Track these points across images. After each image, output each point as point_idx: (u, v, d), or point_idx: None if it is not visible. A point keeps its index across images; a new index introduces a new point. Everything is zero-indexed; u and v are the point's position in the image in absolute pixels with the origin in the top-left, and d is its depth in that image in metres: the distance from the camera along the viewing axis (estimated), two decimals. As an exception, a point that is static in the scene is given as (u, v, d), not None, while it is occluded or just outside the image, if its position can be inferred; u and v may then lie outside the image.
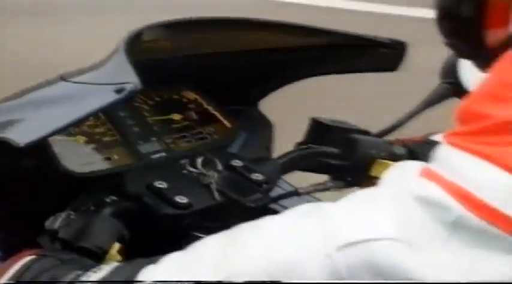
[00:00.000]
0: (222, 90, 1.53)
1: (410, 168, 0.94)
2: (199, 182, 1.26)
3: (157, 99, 1.47)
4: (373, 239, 0.89)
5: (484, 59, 1.06)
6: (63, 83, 1.24)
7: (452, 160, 0.90)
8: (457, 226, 0.86)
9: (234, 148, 1.50)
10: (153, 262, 1.01)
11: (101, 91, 1.18)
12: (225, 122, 1.50)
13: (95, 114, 1.32)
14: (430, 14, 1.16)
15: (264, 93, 1.63)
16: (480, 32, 1.12)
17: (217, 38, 1.48)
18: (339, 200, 0.97)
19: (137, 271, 1.01)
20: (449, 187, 0.87)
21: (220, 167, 1.37)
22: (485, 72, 1.00)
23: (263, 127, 1.63)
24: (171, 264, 1.02)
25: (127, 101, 1.39)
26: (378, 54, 1.46)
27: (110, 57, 1.22)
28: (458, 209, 0.85)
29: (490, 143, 0.88)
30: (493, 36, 1.11)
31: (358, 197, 0.95)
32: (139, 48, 1.27)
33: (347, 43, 1.55)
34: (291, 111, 1.48)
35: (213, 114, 1.51)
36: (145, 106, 1.46)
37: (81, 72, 1.26)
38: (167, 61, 1.46)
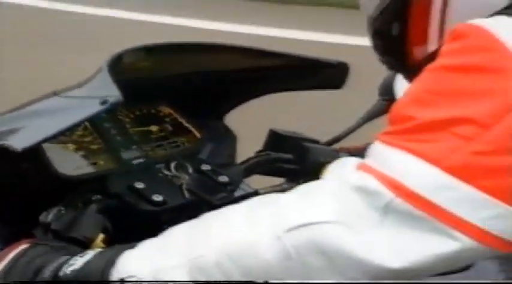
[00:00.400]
0: (193, 106, 1.62)
1: (349, 163, 1.03)
2: (172, 183, 1.36)
3: (137, 113, 1.56)
4: (315, 222, 0.97)
5: (411, 71, 1.17)
6: (55, 98, 1.34)
7: (383, 155, 0.99)
8: (388, 211, 0.95)
9: (203, 155, 1.58)
10: (131, 247, 1.10)
11: (88, 104, 1.28)
12: (196, 133, 1.59)
13: (82, 123, 1.40)
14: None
15: (228, 109, 1.72)
16: (406, 49, 1.24)
17: (188, 60, 1.59)
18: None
19: (117, 254, 1.09)
20: (381, 177, 0.96)
21: (191, 170, 1.48)
22: (411, 82, 1.10)
23: (228, 138, 1.71)
24: (146, 247, 1.10)
25: (111, 114, 1.50)
26: (323, 73, 1.55)
27: (95, 75, 1.32)
28: (389, 196, 0.95)
29: (415, 140, 0.98)
30: (417, 52, 1.23)
31: (304, 188, 1.03)
32: (121, 68, 1.37)
33: (296, 64, 1.63)
34: (251, 124, 1.61)
35: (185, 126, 1.60)
36: (127, 119, 1.54)
37: (70, 88, 1.35)
38: (146, 80, 1.55)
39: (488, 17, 1.05)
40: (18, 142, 1.23)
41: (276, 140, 1.50)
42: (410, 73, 1.16)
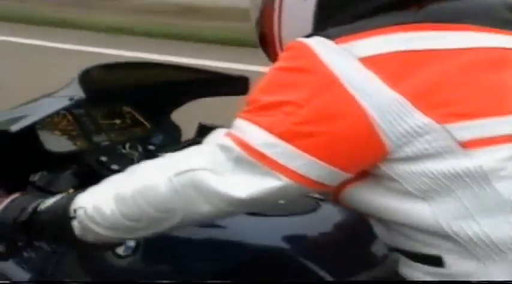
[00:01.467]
0: (145, 106, 1.92)
1: (219, 131, 1.26)
2: (127, 158, 1.68)
3: (106, 110, 1.89)
4: (193, 169, 1.21)
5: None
6: (46, 97, 1.69)
7: (239, 125, 1.21)
8: (238, 160, 1.19)
9: (156, 141, 1.87)
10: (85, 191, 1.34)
11: (61, 100, 1.62)
12: (147, 125, 1.91)
13: (55, 112, 1.67)
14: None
15: (172, 109, 1.99)
16: (268, 46, 1.48)
17: (140, 73, 1.91)
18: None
19: (74, 195, 1.33)
20: (235, 139, 1.20)
21: (140, 149, 1.78)
22: None
23: (173, 130, 1.97)
24: (92, 189, 1.33)
25: (87, 111, 1.82)
26: (230, 84, 1.80)
27: (70, 82, 1.65)
28: (238, 150, 1.19)
29: (257, 115, 1.20)
30: (272, 54, 1.45)
31: (191, 148, 1.27)
32: (92, 78, 1.68)
33: (212, 77, 1.91)
34: (189, 119, 1.90)
35: (139, 120, 1.92)
36: (99, 115, 1.86)
37: (55, 91, 1.68)
38: (112, 88, 1.85)
39: (307, 36, 1.25)
40: (14, 126, 1.54)
41: (204, 131, 1.66)
42: None
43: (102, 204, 1.29)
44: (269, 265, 1.52)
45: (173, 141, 1.81)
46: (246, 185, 1.19)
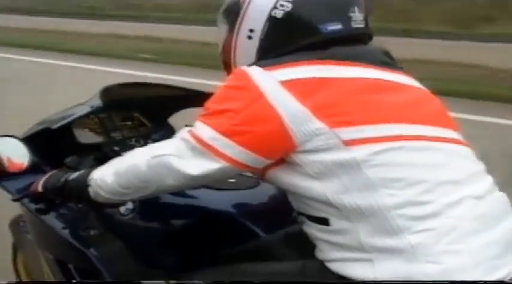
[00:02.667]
0: (149, 112, 2.11)
1: (185, 129, 1.38)
2: (134, 148, 1.64)
3: (121, 115, 2.07)
4: (164, 154, 1.36)
5: None
6: (77, 106, 1.93)
7: (196, 124, 1.35)
8: (194, 149, 1.33)
9: (155, 138, 2.01)
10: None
11: (86, 108, 1.87)
12: (149, 126, 2.10)
13: (83, 116, 1.89)
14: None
15: (168, 115, 2.17)
16: (228, 70, 1.56)
17: (145, 89, 2.11)
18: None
19: (91, 170, 1.51)
20: (192, 134, 1.34)
21: (143, 143, 1.96)
22: None
23: (169, 130, 2.14)
24: (103, 166, 1.50)
25: (108, 115, 2.01)
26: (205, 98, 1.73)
27: (94, 95, 1.89)
28: (193, 142, 1.33)
29: (208, 118, 1.34)
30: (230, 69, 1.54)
31: (166, 140, 1.41)
32: (111, 92, 1.91)
33: (193, 94, 2.01)
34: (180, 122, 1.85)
35: (144, 122, 2.12)
36: (117, 118, 2.05)
37: (84, 102, 1.93)
38: (126, 99, 2.06)
39: (248, 65, 1.37)
40: (54, 125, 1.81)
41: None
42: None
43: (105, 176, 1.47)
44: (221, 223, 1.76)
45: (168, 138, 1.78)
46: (198, 166, 1.34)
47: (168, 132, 2.08)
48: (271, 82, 1.32)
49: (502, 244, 1.31)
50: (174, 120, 2.23)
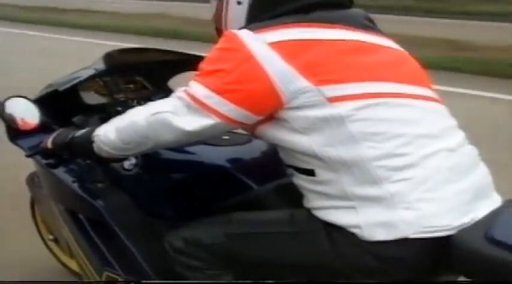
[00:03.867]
0: (151, 76, 2.08)
1: (181, 88, 1.38)
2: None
3: (124, 78, 2.06)
4: (161, 111, 1.37)
5: None
6: (82, 69, 1.90)
7: (191, 84, 1.35)
8: (189, 107, 1.34)
9: (155, 100, 1.78)
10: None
11: (90, 71, 1.85)
12: (151, 88, 2.09)
13: (87, 78, 1.86)
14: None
15: (167, 78, 2.13)
16: (220, 35, 1.50)
17: (146, 54, 2.09)
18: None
19: (96, 128, 1.51)
20: (187, 93, 1.34)
21: (143, 103, 1.68)
22: None
23: (169, 92, 1.81)
24: (106, 123, 1.50)
25: (113, 78, 1.99)
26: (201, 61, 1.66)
27: (97, 59, 1.88)
28: (188, 100, 1.34)
29: (202, 78, 1.34)
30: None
31: (165, 99, 1.41)
32: (114, 56, 1.90)
33: (191, 58, 1.97)
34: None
35: (146, 85, 2.10)
36: (120, 81, 2.04)
37: (89, 65, 1.91)
38: (129, 64, 2.04)
39: (239, 28, 1.38)
40: (61, 87, 1.81)
41: None
42: None
43: (108, 132, 1.48)
44: (217, 176, 1.78)
45: None
46: (193, 122, 1.34)
47: (168, 95, 1.94)
48: (260, 44, 1.31)
49: (471, 192, 1.33)
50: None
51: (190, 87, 1.35)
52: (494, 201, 1.37)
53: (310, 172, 1.35)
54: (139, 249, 1.71)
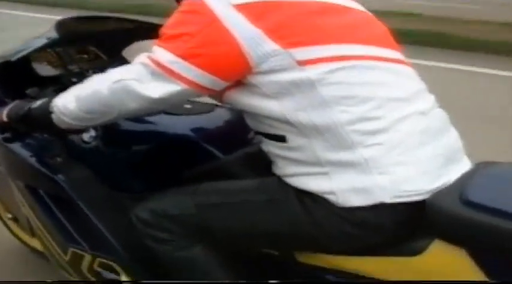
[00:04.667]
0: (105, 46, 2.00)
1: (143, 54, 1.32)
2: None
3: (78, 49, 1.96)
4: (125, 79, 1.31)
5: None
6: (34, 39, 1.78)
7: (154, 49, 1.29)
8: (153, 73, 1.27)
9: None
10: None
11: (42, 40, 1.74)
12: (105, 58, 1.99)
13: (39, 48, 1.76)
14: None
15: (121, 48, 2.04)
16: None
17: (100, 23, 1.99)
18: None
19: (53, 98, 1.44)
20: (151, 58, 1.27)
21: (98, 72, 1.64)
22: None
23: (124, 62, 1.83)
24: (64, 93, 1.43)
25: (66, 49, 1.89)
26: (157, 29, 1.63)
27: (50, 29, 1.75)
28: (153, 66, 1.27)
29: (166, 43, 1.28)
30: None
31: (125, 66, 1.35)
32: (67, 25, 1.78)
33: (146, 26, 1.92)
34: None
35: (100, 55, 2.01)
36: (73, 51, 1.94)
37: (40, 35, 1.78)
38: (82, 33, 1.94)
39: None
40: (13, 57, 1.70)
41: None
42: None
43: (68, 102, 1.41)
44: (181, 146, 1.70)
45: None
46: (158, 89, 1.28)
47: (123, 64, 1.95)
48: (224, 6, 1.26)
49: (444, 155, 1.30)
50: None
51: (153, 52, 1.28)
52: (465, 165, 1.34)
53: (281, 138, 1.30)
54: (105, 224, 1.63)
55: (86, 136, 1.71)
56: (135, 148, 1.74)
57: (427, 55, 6.14)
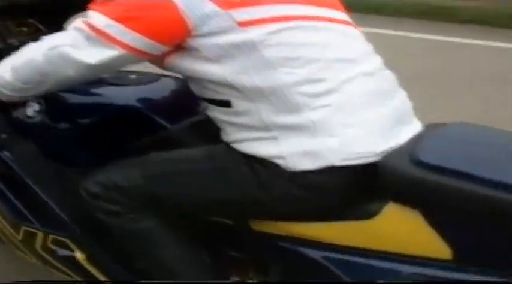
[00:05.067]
0: (45, 18, 1.89)
1: (78, 19, 1.29)
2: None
3: (17, 22, 1.82)
4: (60, 45, 1.28)
5: None
6: None
7: (89, 14, 1.25)
8: (89, 38, 1.24)
9: None
10: None
11: None
12: (45, 31, 1.76)
13: None
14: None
15: (63, 21, 1.87)
16: None
17: None
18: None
19: None
20: (86, 23, 1.25)
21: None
22: None
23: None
24: (0, 64, 1.40)
25: (4, 22, 1.77)
26: None
27: None
28: (88, 31, 1.24)
29: (100, 6, 1.25)
30: None
31: (62, 31, 1.33)
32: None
33: None
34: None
35: (40, 28, 1.87)
36: (12, 25, 1.81)
37: None
38: (22, 5, 1.81)
39: None
40: None
41: None
42: None
43: (4, 73, 1.37)
44: (127, 117, 1.64)
45: None
46: (95, 54, 1.24)
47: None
48: None
49: (392, 117, 1.27)
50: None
51: (88, 17, 1.24)
52: (415, 127, 1.32)
53: (226, 104, 1.26)
54: (54, 200, 1.57)
55: (29, 111, 1.63)
56: (80, 122, 1.66)
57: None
